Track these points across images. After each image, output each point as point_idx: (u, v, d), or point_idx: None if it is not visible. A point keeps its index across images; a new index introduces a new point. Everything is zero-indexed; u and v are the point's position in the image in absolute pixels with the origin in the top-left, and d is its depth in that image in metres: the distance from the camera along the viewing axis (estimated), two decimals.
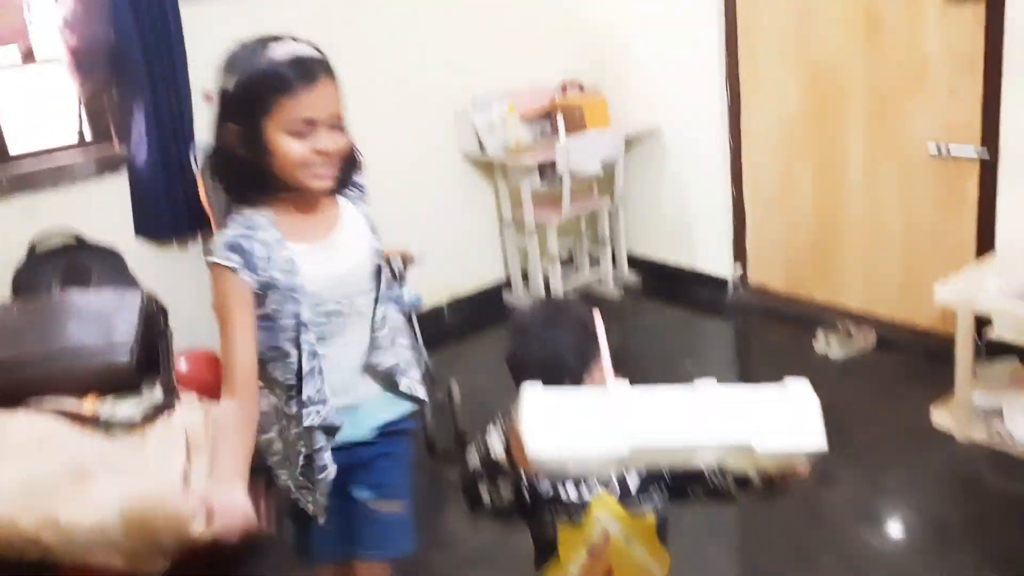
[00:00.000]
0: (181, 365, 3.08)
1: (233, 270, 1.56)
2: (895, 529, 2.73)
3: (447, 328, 4.35)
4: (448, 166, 4.35)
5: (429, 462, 3.32)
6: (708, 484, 1.47)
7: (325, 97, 1.56)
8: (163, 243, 3.53)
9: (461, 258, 4.42)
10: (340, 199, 1.74)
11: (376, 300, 1.74)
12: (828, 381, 3.60)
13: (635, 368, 3.74)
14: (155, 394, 2.30)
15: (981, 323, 3.20)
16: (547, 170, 4.19)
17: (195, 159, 3.34)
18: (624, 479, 1.47)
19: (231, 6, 3.53)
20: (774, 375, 1.25)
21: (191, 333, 2.96)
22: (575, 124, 4.26)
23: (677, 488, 1.50)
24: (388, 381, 1.79)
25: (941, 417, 3.09)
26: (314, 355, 1.65)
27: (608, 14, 4.45)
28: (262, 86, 1.53)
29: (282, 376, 1.68)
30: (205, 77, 3.44)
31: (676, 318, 4.33)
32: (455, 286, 4.42)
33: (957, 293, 2.93)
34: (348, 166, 1.67)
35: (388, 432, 1.81)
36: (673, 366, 3.80)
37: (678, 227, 4.47)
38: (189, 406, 2.31)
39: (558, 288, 4.37)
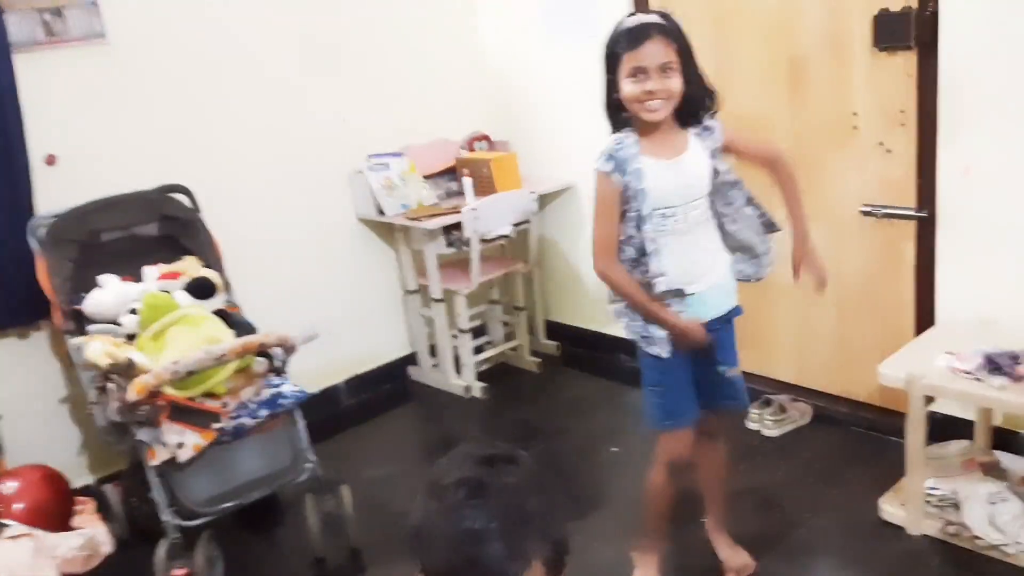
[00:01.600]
0: (7, 486, 2.58)
1: (607, 173, 2.15)
2: None
3: (344, 411, 3.91)
4: (344, 231, 3.93)
5: None
6: None
7: (654, 51, 2.05)
8: None
9: (360, 331, 3.99)
10: (689, 132, 2.20)
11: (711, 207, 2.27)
12: (764, 461, 3.27)
13: (557, 455, 3.37)
14: None
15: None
16: (454, 233, 3.80)
17: (35, 237, 2.87)
18: None
19: (78, 55, 3.08)
20: None
21: (29, 435, 2.51)
22: (483, 182, 3.90)
23: None
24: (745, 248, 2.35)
25: (891, 507, 2.78)
26: (654, 241, 2.15)
27: (516, 65, 4.13)
28: (614, 45, 2.12)
29: (629, 253, 2.20)
30: (48, 138, 3.10)
31: (600, 390, 3.96)
32: (354, 363, 3.99)
33: (904, 373, 2.62)
34: (689, 106, 2.15)
35: (727, 318, 2.34)
36: (597, 450, 3.42)
37: (599, 291, 4.12)
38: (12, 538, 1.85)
39: (469, 362, 3.97)
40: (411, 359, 4.17)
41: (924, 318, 3.08)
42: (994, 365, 2.53)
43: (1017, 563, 2.51)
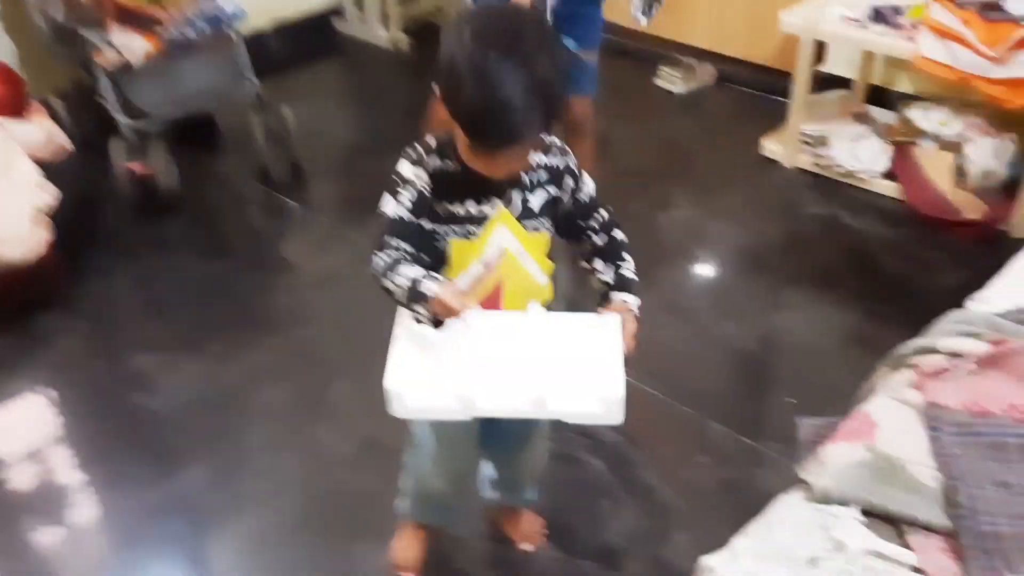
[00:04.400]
0: None
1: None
2: (725, 247, 2.85)
3: (273, 56, 3.99)
4: None
5: (262, 192, 3.13)
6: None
7: None
8: None
9: None
10: None
11: None
12: (668, 114, 3.65)
13: None
14: None
15: (817, 59, 3.25)
16: None
17: None
18: (526, 199, 1.40)
19: None
20: (618, 108, 1.23)
21: None
22: None
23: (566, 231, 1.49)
24: None
25: (771, 146, 3.21)
26: None
27: None
28: None
29: None
30: None
31: None
32: (279, 10, 4.02)
33: (801, 19, 2.94)
34: None
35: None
36: None
37: None
38: None
39: (396, 17, 4.07)
40: (337, 11, 4.23)
41: None
42: (879, 15, 2.86)
43: (869, 187, 3.00)
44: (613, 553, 1.85)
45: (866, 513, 1.32)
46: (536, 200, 1.41)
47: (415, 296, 1.30)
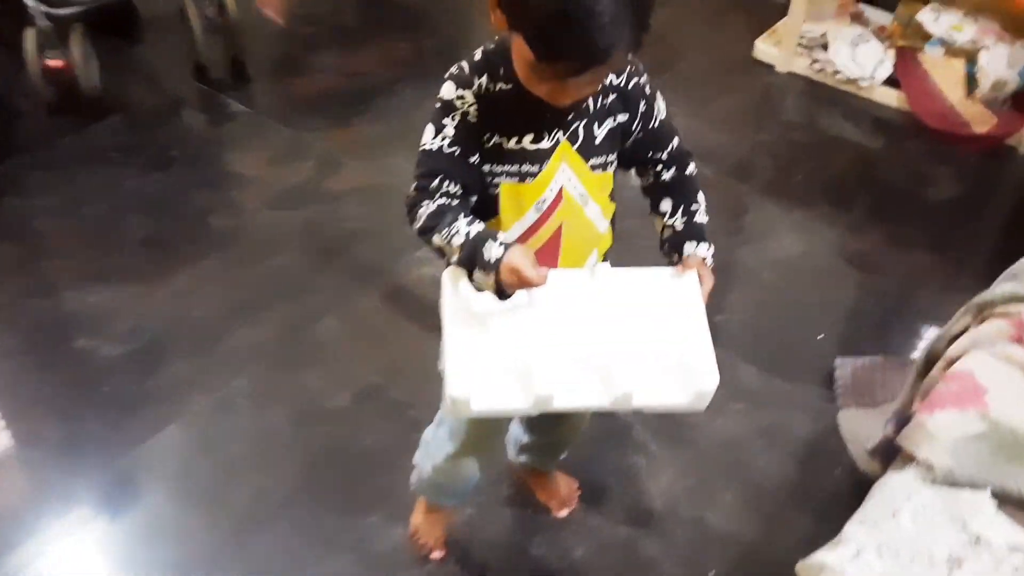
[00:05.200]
0: None
1: None
2: (719, 162, 2.62)
3: None
4: None
5: (201, 92, 2.74)
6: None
7: None
8: None
9: None
10: None
11: None
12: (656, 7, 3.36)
13: None
14: None
15: None
16: None
17: None
18: (591, 131, 1.14)
19: None
20: None
21: None
22: None
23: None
24: None
25: (765, 47, 2.97)
26: None
27: None
28: None
29: None
30: None
31: None
32: None
33: None
34: None
35: None
36: None
37: None
38: None
39: None
40: None
41: None
42: None
43: (867, 95, 2.82)
44: (654, 517, 1.68)
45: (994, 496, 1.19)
46: (602, 131, 1.16)
47: (478, 260, 1.04)
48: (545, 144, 1.12)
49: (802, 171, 2.58)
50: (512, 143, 1.11)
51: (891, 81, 2.80)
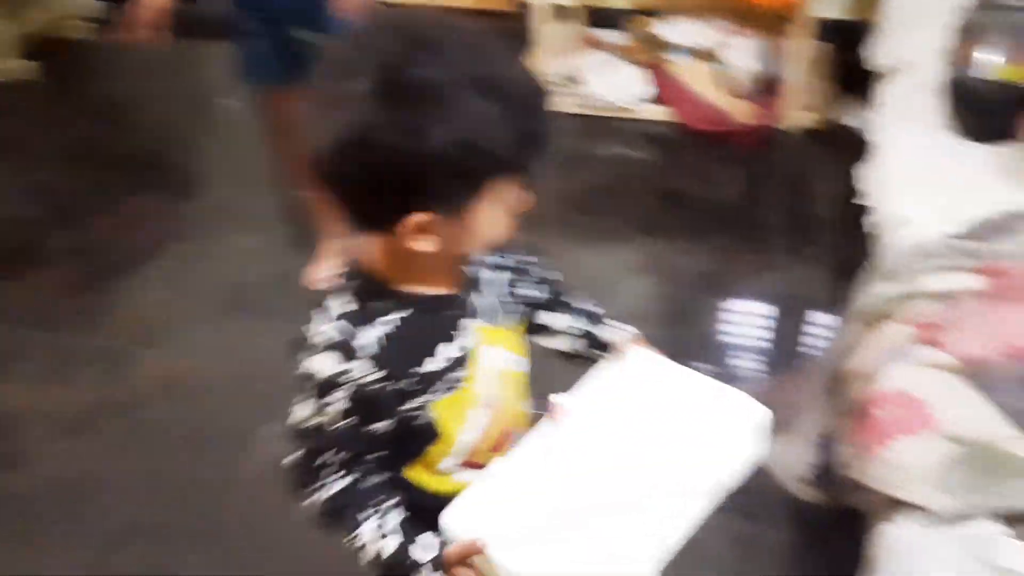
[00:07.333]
0: None
1: None
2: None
3: None
4: None
5: None
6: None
7: None
8: None
9: None
10: None
11: None
12: None
13: (162, 122, 2.92)
14: None
15: None
16: None
17: None
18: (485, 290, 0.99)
19: None
20: None
21: None
22: None
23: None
24: None
25: None
26: None
27: None
28: None
29: None
30: None
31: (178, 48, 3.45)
32: None
33: None
34: None
35: None
36: (208, 107, 3.04)
37: None
38: None
39: (6, 42, 3.15)
40: None
41: None
42: None
43: (636, 116, 2.85)
44: None
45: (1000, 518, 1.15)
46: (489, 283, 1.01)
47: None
48: (462, 340, 0.94)
49: (602, 202, 2.58)
50: (431, 363, 0.92)
51: (656, 99, 2.85)
